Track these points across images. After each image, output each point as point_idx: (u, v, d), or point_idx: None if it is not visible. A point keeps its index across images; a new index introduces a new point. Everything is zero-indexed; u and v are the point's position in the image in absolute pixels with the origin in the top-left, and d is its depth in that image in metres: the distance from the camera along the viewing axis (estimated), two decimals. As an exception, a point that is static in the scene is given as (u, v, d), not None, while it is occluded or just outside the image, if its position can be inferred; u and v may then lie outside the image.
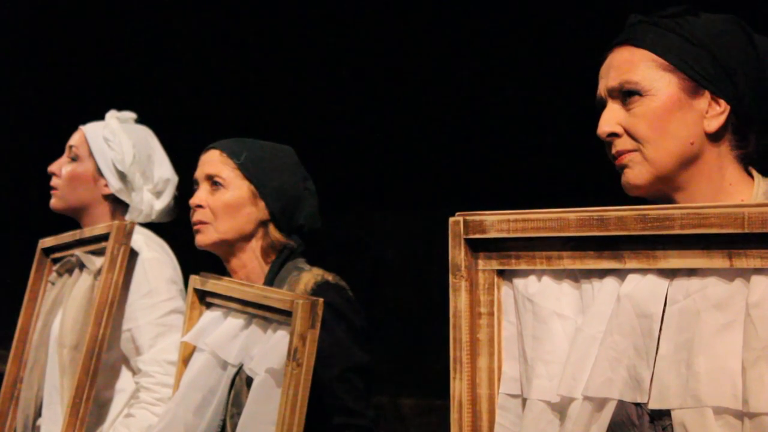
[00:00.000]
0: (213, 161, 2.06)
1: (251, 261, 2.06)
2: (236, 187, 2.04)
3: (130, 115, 2.53)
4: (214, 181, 2.04)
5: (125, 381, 2.32)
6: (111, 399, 2.32)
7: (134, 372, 2.30)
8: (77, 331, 2.24)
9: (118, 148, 2.42)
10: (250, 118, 3.64)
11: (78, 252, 2.37)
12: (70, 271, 2.42)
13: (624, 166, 1.38)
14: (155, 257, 2.36)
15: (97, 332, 2.18)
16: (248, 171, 2.04)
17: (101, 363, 2.21)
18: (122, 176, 2.42)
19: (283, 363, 1.67)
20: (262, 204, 2.04)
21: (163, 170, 2.49)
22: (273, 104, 3.88)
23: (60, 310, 2.35)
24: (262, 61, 3.95)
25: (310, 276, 1.98)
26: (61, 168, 2.46)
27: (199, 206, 2.04)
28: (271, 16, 3.85)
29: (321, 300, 1.67)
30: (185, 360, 2.00)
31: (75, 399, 2.16)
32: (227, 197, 2.03)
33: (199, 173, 2.08)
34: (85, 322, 2.21)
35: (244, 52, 3.98)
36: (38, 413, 2.37)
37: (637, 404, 1.19)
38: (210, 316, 1.98)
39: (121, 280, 2.22)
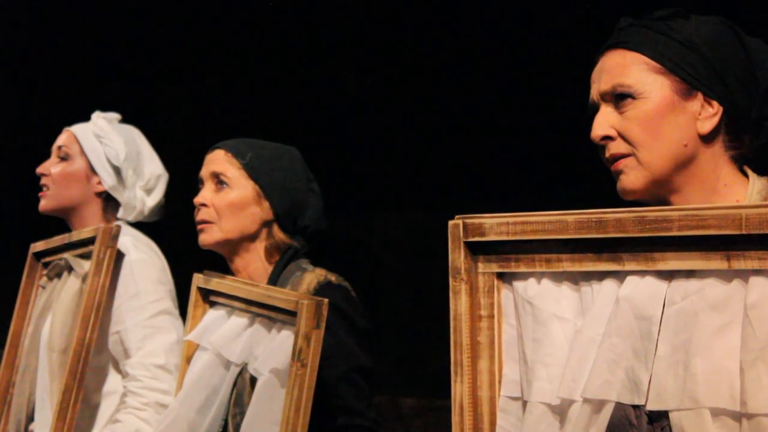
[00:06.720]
0: (218, 160, 2.11)
1: (255, 261, 2.10)
2: (241, 186, 2.08)
3: (114, 116, 2.58)
4: (219, 180, 2.09)
5: (115, 384, 2.36)
6: (101, 402, 2.35)
7: (123, 375, 2.33)
8: (66, 335, 2.28)
9: (110, 143, 2.47)
10: (253, 119, 3.67)
11: (67, 255, 2.41)
12: (59, 275, 2.45)
13: (619, 172, 1.42)
14: (142, 258, 2.39)
15: (84, 335, 2.22)
16: (253, 171, 2.08)
17: (91, 366, 2.25)
18: (117, 171, 2.46)
19: (287, 363, 1.71)
20: (266, 204, 2.09)
21: (154, 166, 2.53)
22: (276, 105, 3.90)
23: (50, 314, 2.39)
24: (264, 63, 3.96)
25: (313, 276, 2.03)
26: (50, 169, 2.49)
27: (204, 205, 2.09)
28: (273, 15, 3.87)
29: (326, 300, 1.71)
30: (188, 358, 2.04)
31: (62, 402, 2.20)
32: (232, 196, 2.07)
33: (204, 172, 2.13)
34: (74, 326, 2.25)
35: (246, 52, 3.99)
36: (30, 418, 2.41)
37: (636, 406, 1.22)
38: (213, 314, 2.03)
39: (108, 283, 2.26)
